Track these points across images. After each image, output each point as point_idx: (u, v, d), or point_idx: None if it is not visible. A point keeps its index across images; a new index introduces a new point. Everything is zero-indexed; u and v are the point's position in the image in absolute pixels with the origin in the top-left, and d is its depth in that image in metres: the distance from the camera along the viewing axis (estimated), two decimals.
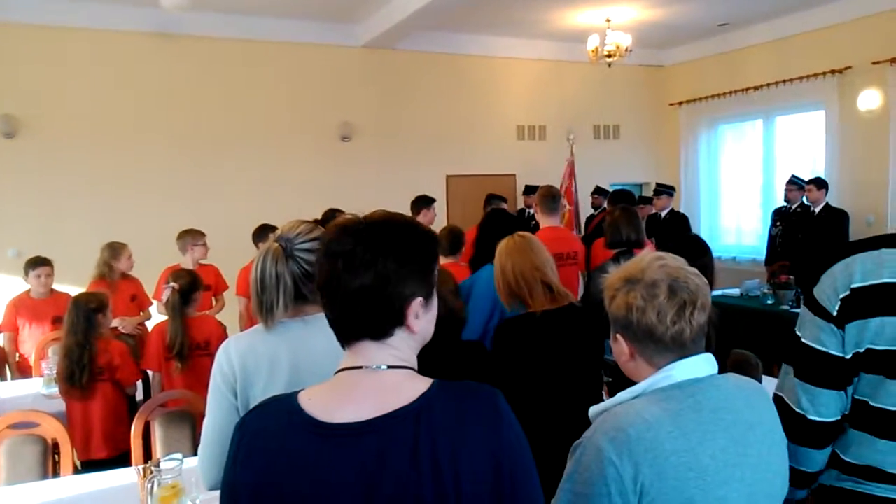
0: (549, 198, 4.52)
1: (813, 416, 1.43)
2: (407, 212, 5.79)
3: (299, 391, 1.09)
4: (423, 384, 1.06)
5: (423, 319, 1.09)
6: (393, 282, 1.04)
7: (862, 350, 1.38)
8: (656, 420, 1.21)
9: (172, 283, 3.56)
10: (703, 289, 1.32)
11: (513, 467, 1.02)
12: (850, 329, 1.39)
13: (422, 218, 5.58)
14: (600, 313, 3.37)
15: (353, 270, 1.03)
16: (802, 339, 1.46)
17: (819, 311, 1.43)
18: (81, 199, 6.30)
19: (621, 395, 1.32)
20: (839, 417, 1.44)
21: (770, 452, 1.29)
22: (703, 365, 1.31)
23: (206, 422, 1.69)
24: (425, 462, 0.98)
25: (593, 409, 1.34)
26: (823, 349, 1.42)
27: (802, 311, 1.48)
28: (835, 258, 1.43)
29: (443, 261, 4.15)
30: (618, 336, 1.36)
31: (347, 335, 1.08)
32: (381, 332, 1.07)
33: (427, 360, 1.24)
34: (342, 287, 1.03)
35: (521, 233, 2.69)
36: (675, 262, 1.35)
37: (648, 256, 1.36)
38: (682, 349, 1.30)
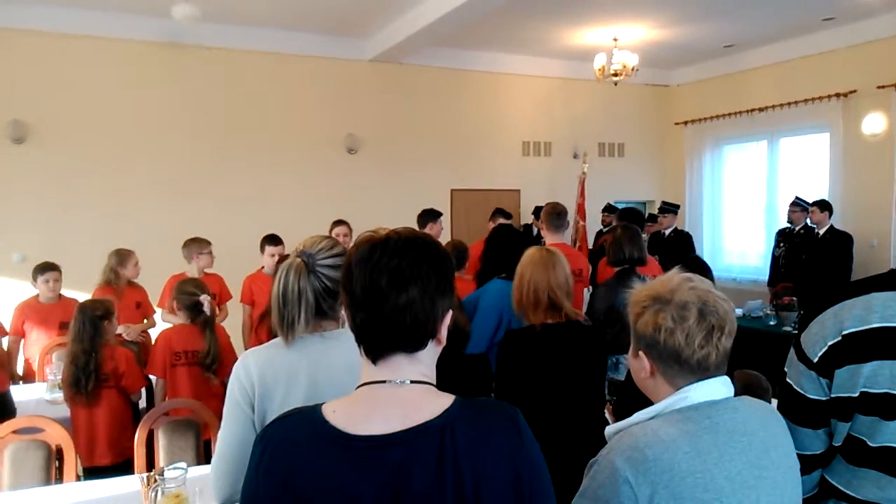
0: (555, 215, 4.53)
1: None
2: (413, 224, 5.83)
3: (322, 404, 1.10)
4: (445, 400, 1.09)
5: (445, 331, 1.13)
6: (434, 296, 1.08)
7: (856, 394, 1.39)
8: (673, 441, 1.22)
9: (206, 295, 3.62)
10: (730, 314, 1.33)
11: (532, 483, 1.06)
12: (840, 374, 1.41)
13: (428, 231, 5.59)
14: (601, 329, 3.38)
15: (400, 286, 1.05)
16: (787, 379, 1.53)
17: (802, 356, 1.48)
18: (88, 205, 6.32)
19: (638, 416, 1.32)
20: (821, 451, 1.50)
21: (785, 477, 1.29)
22: (719, 387, 1.32)
23: (220, 434, 1.69)
24: (449, 475, 1.01)
25: (609, 429, 1.35)
26: (802, 392, 1.48)
27: (791, 351, 1.53)
28: (825, 304, 1.46)
29: None
30: (640, 353, 1.36)
31: (382, 349, 1.09)
32: (418, 344, 1.09)
33: None
34: (388, 302, 1.05)
35: (550, 248, 2.71)
36: (704, 284, 1.35)
37: (677, 277, 1.36)
38: (705, 373, 1.31)
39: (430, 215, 5.64)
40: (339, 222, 5.50)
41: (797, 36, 7.51)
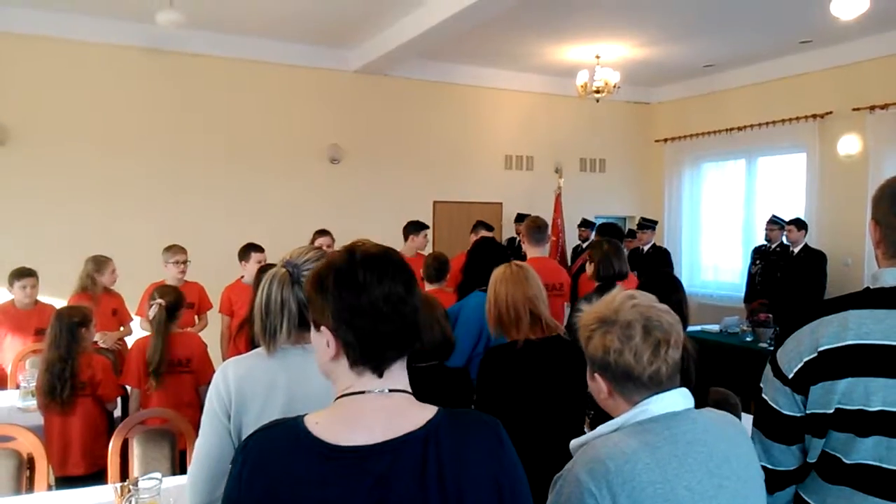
0: (536, 228, 4.57)
1: (766, 464, 1.51)
2: (394, 235, 5.83)
3: (303, 415, 1.11)
4: (428, 411, 1.11)
5: None
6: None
7: (831, 410, 1.41)
8: (634, 452, 1.24)
9: (159, 300, 3.53)
10: (675, 326, 1.36)
11: (513, 493, 1.08)
12: (815, 390, 1.43)
13: (410, 242, 5.59)
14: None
15: (412, 292, 1.11)
16: (762, 394, 1.54)
17: (777, 372, 1.50)
18: (66, 211, 6.25)
19: (600, 429, 1.35)
20: (794, 467, 1.52)
21: (746, 486, 1.32)
22: (678, 399, 1.35)
23: (198, 443, 1.68)
24: (432, 485, 1.02)
25: (574, 443, 1.37)
26: (777, 408, 1.50)
27: (766, 368, 1.55)
28: (801, 321, 1.48)
29: (428, 287, 4.17)
30: (595, 375, 1.39)
31: (392, 358, 1.11)
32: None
33: (412, 385, 1.26)
34: (406, 305, 1.10)
35: (518, 262, 2.70)
36: (646, 299, 1.38)
37: (620, 296, 1.40)
38: (659, 386, 1.34)
39: (412, 227, 5.63)
40: (321, 232, 5.47)
41: (775, 58, 7.66)
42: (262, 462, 1.06)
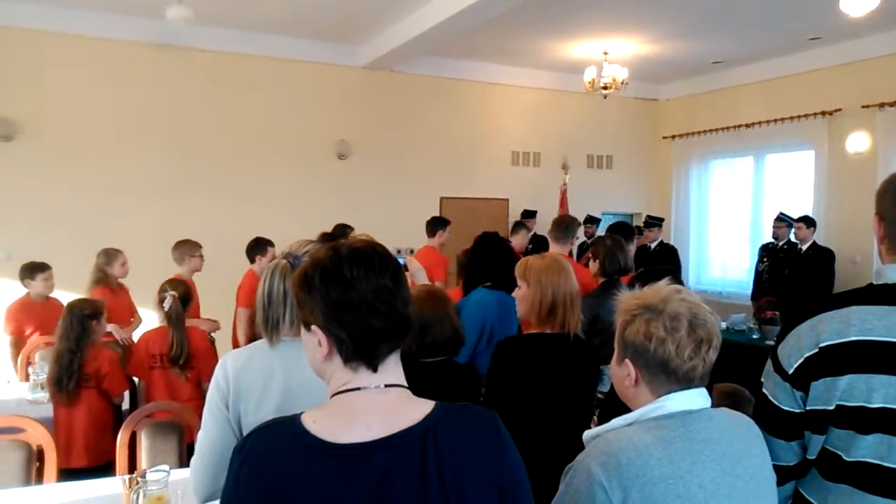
0: (562, 226, 4.57)
1: None
2: (400, 230, 5.84)
3: (300, 414, 1.10)
4: (426, 405, 1.10)
5: None
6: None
7: (831, 407, 1.40)
8: (647, 447, 1.24)
9: (171, 292, 3.57)
10: (717, 328, 1.36)
11: (514, 486, 1.08)
12: (816, 386, 1.42)
13: (438, 238, 5.61)
14: (590, 340, 3.35)
15: (400, 284, 1.11)
16: (763, 389, 1.54)
17: (778, 368, 1.49)
18: (74, 205, 6.29)
19: (615, 422, 1.34)
20: (794, 463, 1.52)
21: (758, 486, 1.31)
22: (696, 398, 1.34)
23: (200, 434, 1.70)
24: (432, 480, 1.02)
25: (587, 434, 1.37)
26: (776, 403, 1.49)
27: (767, 363, 1.54)
28: (803, 316, 1.47)
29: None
30: (626, 360, 1.37)
31: (387, 352, 1.10)
32: (404, 338, 1.13)
33: (421, 381, 1.26)
34: (396, 297, 1.09)
35: (551, 254, 2.66)
36: (693, 297, 1.38)
37: (667, 288, 1.39)
38: (689, 383, 1.33)
39: (440, 223, 5.66)
40: (343, 226, 5.48)
41: (784, 54, 7.62)
42: (260, 462, 1.04)
